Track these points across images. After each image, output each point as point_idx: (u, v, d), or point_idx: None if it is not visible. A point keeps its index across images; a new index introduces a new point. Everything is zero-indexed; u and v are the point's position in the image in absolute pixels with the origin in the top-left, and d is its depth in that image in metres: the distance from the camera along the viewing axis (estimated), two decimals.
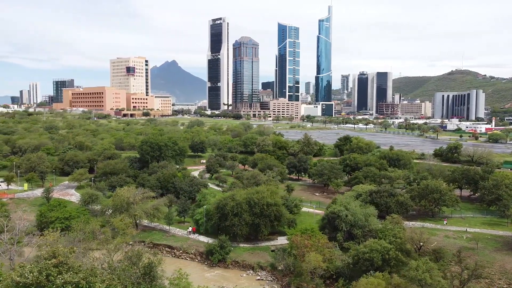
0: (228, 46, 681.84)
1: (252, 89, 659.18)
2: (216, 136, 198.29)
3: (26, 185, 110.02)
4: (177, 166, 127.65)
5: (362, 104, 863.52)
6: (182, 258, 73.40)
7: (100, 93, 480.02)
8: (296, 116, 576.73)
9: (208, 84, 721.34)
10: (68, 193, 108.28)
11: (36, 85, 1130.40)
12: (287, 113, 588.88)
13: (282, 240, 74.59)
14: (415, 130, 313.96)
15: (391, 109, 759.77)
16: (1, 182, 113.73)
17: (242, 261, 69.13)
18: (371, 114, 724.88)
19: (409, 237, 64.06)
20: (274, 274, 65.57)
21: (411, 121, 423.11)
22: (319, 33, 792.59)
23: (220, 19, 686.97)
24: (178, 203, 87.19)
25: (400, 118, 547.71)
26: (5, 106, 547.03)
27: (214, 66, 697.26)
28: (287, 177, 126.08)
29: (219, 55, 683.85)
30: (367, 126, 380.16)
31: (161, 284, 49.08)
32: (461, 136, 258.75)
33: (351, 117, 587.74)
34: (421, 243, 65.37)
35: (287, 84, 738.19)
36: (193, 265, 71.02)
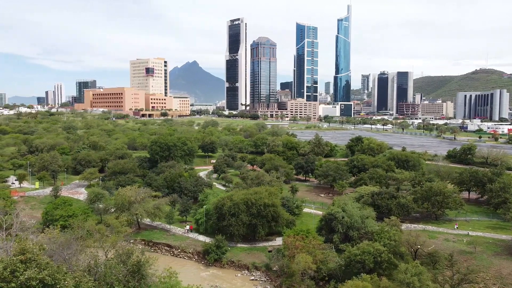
0: (246, 46, 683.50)
1: (269, 89, 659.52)
2: (228, 137, 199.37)
3: (37, 184, 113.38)
4: (185, 166, 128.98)
5: (382, 104, 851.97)
6: (180, 257, 74.41)
7: (119, 93, 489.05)
8: (314, 117, 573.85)
9: (226, 85, 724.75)
10: (78, 191, 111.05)
11: (60, 86, 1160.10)
12: (305, 113, 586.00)
13: (280, 241, 74.47)
14: (433, 131, 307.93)
15: (411, 109, 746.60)
16: (15, 180, 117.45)
17: (237, 261, 69.57)
18: (391, 115, 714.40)
19: (405, 240, 63.24)
20: (268, 274, 65.75)
21: (431, 122, 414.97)
22: (338, 33, 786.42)
23: (238, 19, 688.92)
24: (180, 202, 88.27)
25: (419, 118, 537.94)
26: (29, 107, 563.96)
27: (232, 67, 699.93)
28: (294, 178, 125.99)
29: (237, 55, 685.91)
30: (385, 127, 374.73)
31: (150, 283, 49.71)
32: (480, 137, 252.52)
33: (370, 117, 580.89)
34: (418, 246, 64.42)
35: (305, 84, 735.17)
36: (190, 264, 71.98)
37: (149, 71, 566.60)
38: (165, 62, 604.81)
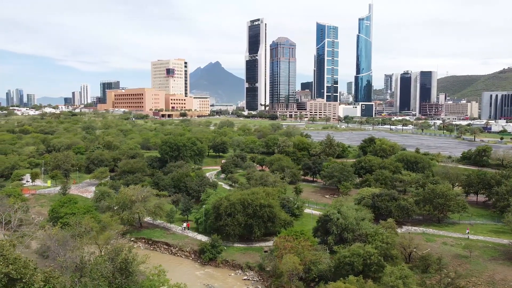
0: (265, 47, 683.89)
1: (288, 89, 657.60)
2: (240, 137, 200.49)
3: (49, 182, 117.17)
4: (192, 166, 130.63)
5: (405, 104, 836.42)
6: (177, 255, 75.59)
7: (140, 94, 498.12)
8: (334, 117, 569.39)
9: (246, 85, 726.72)
10: (88, 190, 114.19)
11: (86, 86, 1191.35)
12: (324, 113, 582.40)
13: None
14: (454, 131, 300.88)
15: (434, 109, 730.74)
16: (30, 178, 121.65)
17: (232, 261, 70.21)
18: (414, 115, 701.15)
19: (398, 242, 62.50)
20: (261, 274, 66.11)
21: (454, 122, 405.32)
22: (359, 32, 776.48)
23: (258, 20, 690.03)
24: (181, 202, 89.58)
25: (439, 119, 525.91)
26: (55, 107, 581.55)
27: (252, 67, 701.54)
28: (301, 179, 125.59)
29: (256, 55, 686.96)
30: (404, 127, 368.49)
31: (138, 280, 50.85)
32: (501, 139, 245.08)
33: (392, 117, 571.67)
34: (414, 249, 63.55)
35: (325, 84, 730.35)
36: (186, 263, 73.09)
37: (169, 72, 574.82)
38: (186, 63, 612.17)
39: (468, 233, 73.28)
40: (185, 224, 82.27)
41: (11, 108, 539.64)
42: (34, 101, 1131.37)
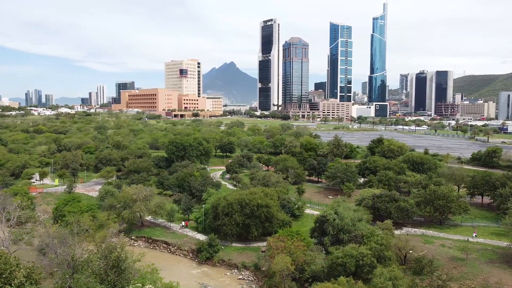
0: (278, 47, 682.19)
1: (301, 89, 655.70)
2: (249, 137, 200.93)
3: (57, 181, 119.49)
4: (198, 166, 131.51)
5: (420, 104, 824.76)
6: (176, 254, 76.49)
7: (153, 94, 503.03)
8: (347, 117, 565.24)
9: (259, 85, 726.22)
10: (94, 189, 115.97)
11: (103, 87, 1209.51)
12: (337, 113, 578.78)
13: None
14: (467, 132, 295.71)
15: (450, 109, 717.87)
16: (39, 177, 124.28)
17: (228, 260, 70.71)
18: (429, 115, 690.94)
19: (393, 244, 62.06)
20: (256, 274, 66.41)
21: (469, 123, 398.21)
22: (373, 32, 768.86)
23: (271, 20, 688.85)
24: (183, 201, 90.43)
25: (455, 119, 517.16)
26: (71, 107, 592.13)
27: (264, 67, 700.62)
28: (306, 179, 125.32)
29: (269, 56, 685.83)
30: (417, 128, 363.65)
31: (131, 278, 51.58)
32: None
33: (406, 118, 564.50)
34: (410, 251, 62.99)
35: (339, 84, 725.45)
36: (184, 261, 73.88)
37: (182, 72, 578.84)
38: (199, 63, 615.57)
39: (475, 236, 71.93)
40: (183, 223, 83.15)
41: (28, 108, 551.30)
42: (52, 102, 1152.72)
